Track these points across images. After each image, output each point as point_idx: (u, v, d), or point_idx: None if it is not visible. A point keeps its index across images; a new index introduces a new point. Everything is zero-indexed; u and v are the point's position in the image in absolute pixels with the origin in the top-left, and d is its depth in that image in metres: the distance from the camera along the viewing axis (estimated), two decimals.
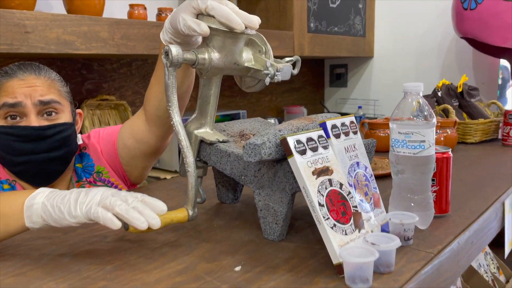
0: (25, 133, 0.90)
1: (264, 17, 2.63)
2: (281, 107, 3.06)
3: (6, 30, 1.52)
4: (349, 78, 3.23)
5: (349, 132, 0.71)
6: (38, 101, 0.91)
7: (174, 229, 0.77)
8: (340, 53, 2.80)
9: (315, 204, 0.59)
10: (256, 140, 0.62)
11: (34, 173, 0.94)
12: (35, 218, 0.66)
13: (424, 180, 0.72)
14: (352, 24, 2.90)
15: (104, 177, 1.05)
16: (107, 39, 1.79)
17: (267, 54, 0.76)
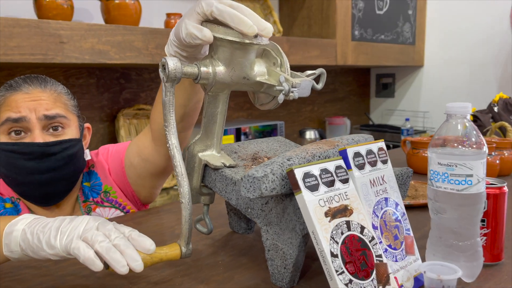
0: (29, 150, 0.84)
1: (306, 25, 2.52)
2: (322, 118, 2.92)
3: (41, 40, 1.51)
4: (396, 88, 3.04)
5: (377, 162, 0.59)
6: (43, 115, 0.86)
7: (173, 264, 0.68)
8: (386, 62, 2.64)
9: (326, 254, 0.48)
10: (256, 171, 0.52)
11: (38, 195, 0.88)
12: (13, 246, 0.59)
13: (471, 223, 0.58)
14: (401, 32, 2.73)
15: (111, 197, 0.99)
16: (141, 49, 1.76)
17: (282, 67, 0.65)
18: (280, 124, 2.37)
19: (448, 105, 0.58)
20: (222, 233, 0.81)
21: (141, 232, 0.82)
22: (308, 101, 2.85)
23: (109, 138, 2.06)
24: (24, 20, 1.45)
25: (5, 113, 0.85)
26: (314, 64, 2.28)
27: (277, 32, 2.33)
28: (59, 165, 0.87)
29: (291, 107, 2.76)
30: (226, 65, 0.62)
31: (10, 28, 1.42)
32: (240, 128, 2.32)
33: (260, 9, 2.44)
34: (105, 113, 2.05)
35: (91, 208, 0.97)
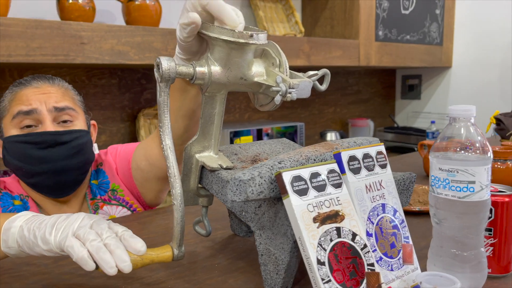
0: (42, 139, 0.87)
1: (329, 25, 2.49)
2: (345, 120, 2.88)
3: (63, 41, 1.55)
4: (423, 89, 2.96)
5: (375, 166, 0.57)
6: (53, 107, 0.89)
7: (169, 266, 0.67)
8: (412, 63, 2.58)
9: (312, 261, 0.46)
10: (243, 174, 0.51)
11: (51, 184, 0.90)
12: (11, 242, 0.59)
13: (474, 232, 0.55)
14: (427, 32, 2.66)
15: (119, 196, 1.00)
16: (160, 49, 1.78)
17: (281, 68, 0.64)
18: (300, 126, 2.35)
19: (450, 108, 0.55)
20: (223, 235, 0.80)
21: (145, 232, 0.83)
22: (331, 102, 2.81)
23: (129, 138, 2.09)
24: (46, 21, 1.49)
25: (17, 107, 0.88)
26: (336, 65, 2.25)
27: (299, 33, 2.31)
28: (70, 153, 0.89)
29: (313, 108, 2.73)
30: (222, 65, 0.61)
31: (33, 30, 1.46)
32: (262, 129, 2.31)
33: (282, 9, 2.42)
34: (126, 113, 2.08)
35: (99, 205, 0.99)
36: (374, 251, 0.52)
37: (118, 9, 1.90)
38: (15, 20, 1.41)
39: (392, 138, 2.75)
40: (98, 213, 0.98)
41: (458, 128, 0.55)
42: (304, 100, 2.68)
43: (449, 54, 2.76)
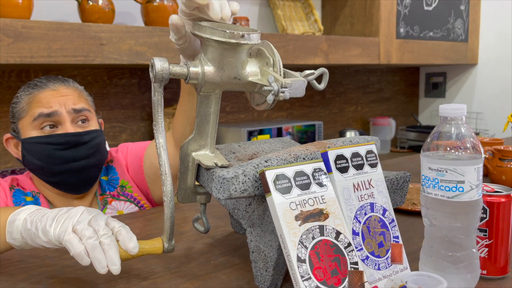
0: (65, 140, 0.92)
1: (349, 23, 2.47)
2: (366, 118, 2.84)
3: (83, 42, 1.59)
4: (447, 87, 2.90)
5: (363, 165, 0.57)
6: (72, 109, 0.94)
7: (166, 262, 0.69)
8: (435, 60, 2.52)
9: (292, 258, 0.47)
10: (227, 172, 0.52)
11: (73, 182, 0.95)
12: (15, 234, 0.63)
13: (464, 232, 0.54)
14: (452, 28, 2.59)
15: (127, 192, 1.03)
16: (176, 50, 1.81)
17: (275, 67, 0.64)
18: (319, 124, 2.34)
19: (441, 107, 0.55)
20: (223, 233, 0.81)
21: (149, 229, 0.85)
22: (352, 101, 2.78)
23: (149, 136, 2.14)
24: (67, 23, 1.54)
25: (37, 109, 0.92)
26: (355, 63, 2.23)
27: (318, 31, 2.30)
28: (90, 153, 0.95)
29: (333, 106, 2.71)
30: (215, 65, 0.62)
31: (54, 32, 1.51)
32: (282, 128, 2.31)
33: (301, 8, 2.42)
34: (146, 112, 2.13)
35: (107, 201, 1.02)
36: (360, 250, 0.53)
37: (138, 10, 1.94)
38: (38, 23, 1.47)
39: (415, 137, 2.70)
40: (107, 208, 1.02)
41: (449, 127, 0.54)
42: (324, 98, 2.66)
43: (474, 51, 2.69)
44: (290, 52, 1.99)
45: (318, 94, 2.64)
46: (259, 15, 2.37)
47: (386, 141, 2.66)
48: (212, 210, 0.94)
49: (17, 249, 0.74)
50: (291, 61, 1.99)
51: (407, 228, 0.81)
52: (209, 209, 0.94)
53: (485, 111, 2.70)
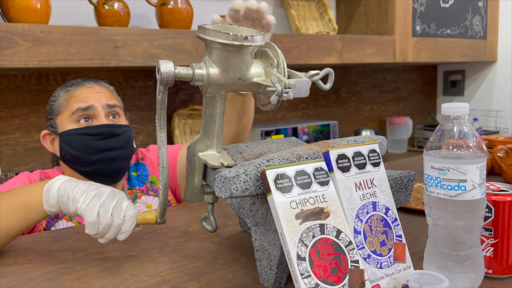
0: (101, 131, 1.01)
1: (364, 22, 2.45)
2: (383, 118, 2.82)
3: (99, 46, 1.63)
4: (466, 85, 2.85)
5: (366, 164, 0.57)
6: (106, 104, 1.04)
7: (174, 260, 0.71)
8: (452, 58, 2.48)
9: (292, 256, 0.47)
10: (229, 172, 0.53)
11: (107, 171, 1.03)
12: (52, 201, 0.71)
13: (468, 231, 0.54)
14: (470, 25, 2.55)
15: (156, 187, 1.12)
16: (191, 51, 1.83)
17: (279, 68, 0.65)
18: (334, 124, 2.33)
19: (443, 106, 0.55)
20: (232, 232, 0.82)
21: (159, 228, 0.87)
22: (368, 100, 2.76)
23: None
24: (83, 27, 1.57)
25: (75, 104, 1.02)
26: (370, 62, 2.21)
27: (332, 30, 2.29)
28: (122, 144, 1.04)
29: (348, 106, 2.69)
30: (220, 67, 0.64)
31: (71, 36, 1.55)
32: (297, 127, 2.31)
33: (315, 7, 2.41)
34: None
35: (137, 195, 1.10)
36: (361, 249, 0.53)
37: (153, 13, 1.97)
38: (55, 28, 1.51)
39: None
40: (137, 202, 1.10)
41: (451, 126, 0.54)
42: (339, 98, 2.65)
43: (493, 48, 2.64)
44: (304, 52, 1.99)
45: (333, 93, 2.63)
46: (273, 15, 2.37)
47: (403, 141, 2.63)
48: (221, 209, 0.96)
49: (33, 246, 0.77)
50: (305, 61, 1.99)
51: (416, 228, 0.80)
52: (218, 208, 0.96)
53: (505, 109, 2.64)
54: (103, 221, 0.67)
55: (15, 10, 1.46)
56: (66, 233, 0.85)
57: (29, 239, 0.82)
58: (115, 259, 0.72)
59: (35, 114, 1.79)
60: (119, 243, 0.79)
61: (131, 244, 0.78)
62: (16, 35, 1.40)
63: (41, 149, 1.81)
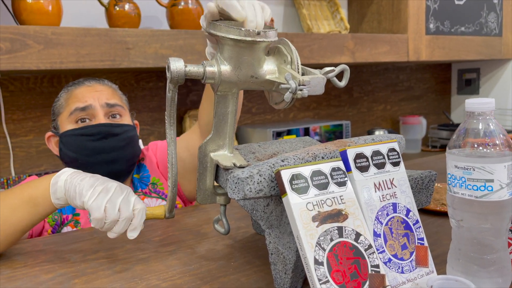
0: (97, 130, 0.96)
1: (376, 20, 2.42)
2: (396, 117, 2.78)
3: (110, 47, 1.62)
4: (481, 84, 2.79)
5: (385, 164, 0.54)
6: (105, 103, 0.99)
7: (187, 263, 0.69)
8: (467, 56, 2.44)
9: (309, 261, 0.45)
10: (242, 172, 0.50)
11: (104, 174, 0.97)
12: (59, 194, 0.70)
13: (494, 234, 0.51)
14: (485, 23, 2.50)
15: (158, 189, 1.07)
16: (202, 52, 1.81)
17: (293, 64, 0.63)
18: (346, 124, 2.30)
19: (467, 101, 0.52)
20: (245, 234, 0.80)
21: (170, 230, 0.85)
22: (380, 100, 2.73)
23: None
24: (94, 29, 1.57)
25: (73, 104, 0.98)
26: (383, 61, 2.18)
27: (344, 29, 2.26)
28: (121, 145, 0.98)
29: (361, 106, 2.66)
30: (232, 64, 0.62)
31: (82, 37, 1.55)
32: (309, 128, 2.29)
33: (327, 6, 2.39)
34: None
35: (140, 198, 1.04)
36: (381, 253, 0.50)
37: (163, 14, 1.96)
38: (66, 29, 1.50)
39: (447, 136, 2.62)
40: None
41: (476, 123, 0.52)
42: (352, 97, 2.62)
43: (509, 45, 2.58)
44: (315, 52, 1.96)
45: (346, 93, 2.60)
46: (284, 15, 2.35)
47: (416, 140, 2.59)
48: (234, 211, 0.94)
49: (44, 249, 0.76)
50: (317, 60, 1.97)
51: (436, 230, 0.78)
52: (231, 210, 0.94)
53: None
54: (109, 216, 0.66)
55: (27, 13, 1.46)
56: (77, 236, 0.84)
57: (40, 242, 0.81)
58: (126, 262, 0.70)
59: (47, 117, 1.80)
60: (129, 245, 0.77)
61: (141, 247, 0.77)
62: (28, 37, 1.40)
63: None
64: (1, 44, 1.35)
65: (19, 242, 0.81)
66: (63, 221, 0.98)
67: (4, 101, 1.69)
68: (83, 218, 1.00)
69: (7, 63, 1.37)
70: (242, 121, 2.29)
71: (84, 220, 1.00)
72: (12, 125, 1.72)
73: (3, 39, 1.35)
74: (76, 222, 0.99)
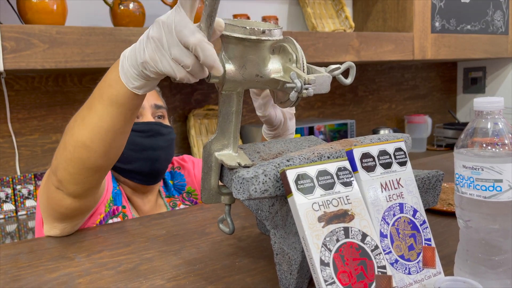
0: (148, 128, 0.99)
1: (381, 19, 2.41)
2: (401, 116, 2.77)
3: (114, 46, 1.62)
4: (487, 82, 2.78)
5: (392, 164, 0.54)
6: (154, 104, 1.04)
7: (191, 263, 0.68)
8: (473, 54, 2.42)
9: (315, 262, 0.45)
10: (247, 172, 0.50)
11: (147, 170, 1.00)
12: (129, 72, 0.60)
13: (503, 235, 0.50)
14: (491, 21, 2.48)
15: (192, 197, 1.11)
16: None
17: (298, 63, 0.62)
18: (351, 123, 2.29)
19: (476, 100, 0.51)
20: (250, 234, 0.80)
21: (175, 230, 0.85)
22: (385, 99, 2.71)
23: (181, 138, 2.15)
24: (99, 28, 1.57)
25: None
26: (388, 59, 2.17)
27: (349, 28, 2.25)
28: (166, 145, 1.02)
29: (366, 105, 2.65)
30: (236, 63, 0.61)
31: (87, 36, 1.55)
32: (314, 127, 2.28)
33: (331, 5, 2.38)
34: (178, 114, 2.14)
35: (176, 203, 1.10)
36: (388, 253, 0.50)
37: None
38: (71, 28, 1.50)
39: (453, 135, 2.60)
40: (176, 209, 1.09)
41: (485, 122, 0.51)
42: (356, 96, 2.61)
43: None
44: (320, 50, 1.95)
45: (350, 92, 2.59)
46: (289, 14, 2.34)
47: (422, 139, 2.58)
48: (238, 210, 0.93)
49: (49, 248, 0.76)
50: (321, 59, 1.96)
51: (442, 230, 0.77)
52: (235, 209, 0.93)
53: None
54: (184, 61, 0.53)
55: (32, 12, 1.46)
56: (82, 235, 0.84)
57: (45, 241, 0.81)
58: (130, 262, 0.70)
59: (52, 116, 1.80)
60: (134, 245, 0.77)
61: (146, 246, 0.76)
62: (33, 37, 1.40)
63: None
64: (6, 43, 1.35)
65: (23, 241, 0.81)
66: (114, 212, 0.99)
67: (9, 100, 1.69)
68: (128, 211, 1.02)
69: (12, 62, 1.37)
70: (247, 119, 2.28)
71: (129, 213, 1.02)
72: (18, 124, 1.72)
73: (8, 39, 1.35)
74: (124, 215, 1.00)
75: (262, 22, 0.64)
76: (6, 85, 1.68)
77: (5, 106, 1.68)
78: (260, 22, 0.65)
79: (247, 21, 0.64)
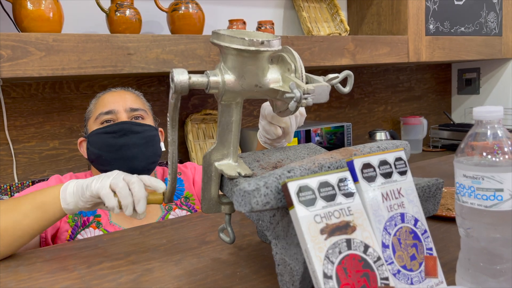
0: (119, 128, 1.03)
1: (376, 22, 2.42)
2: (397, 118, 2.78)
3: (111, 53, 1.62)
4: (481, 83, 2.79)
5: (392, 173, 0.54)
6: (129, 108, 1.07)
7: (192, 273, 0.68)
8: (467, 56, 2.43)
9: (318, 275, 0.45)
10: (248, 184, 0.50)
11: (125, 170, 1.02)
12: (69, 198, 0.75)
13: (505, 244, 0.51)
14: (484, 22, 2.50)
15: (190, 203, 1.13)
16: (203, 56, 1.81)
17: (297, 73, 0.63)
18: (347, 126, 2.30)
19: (475, 110, 0.51)
20: (250, 242, 0.80)
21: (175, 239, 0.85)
22: (381, 101, 2.72)
23: (178, 142, 2.15)
24: (95, 35, 1.56)
25: (100, 109, 1.07)
26: (383, 62, 2.18)
27: (344, 32, 2.26)
28: (141, 142, 1.04)
29: (362, 107, 2.65)
30: (236, 74, 0.61)
31: (84, 44, 1.54)
32: (310, 130, 2.28)
33: (326, 9, 2.38)
34: None
35: (172, 207, 1.11)
36: (390, 264, 0.50)
37: (164, 19, 1.96)
38: (68, 36, 1.50)
39: (448, 136, 2.62)
40: (170, 213, 1.10)
41: (484, 131, 0.51)
42: (352, 99, 2.61)
43: (509, 45, 2.58)
44: (316, 54, 1.96)
45: (346, 94, 2.60)
46: (284, 18, 2.35)
47: (418, 141, 2.59)
48: (238, 218, 0.93)
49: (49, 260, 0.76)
50: (317, 63, 1.97)
51: (442, 236, 0.77)
52: (236, 217, 0.93)
53: None
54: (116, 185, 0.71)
55: (28, 20, 1.46)
56: (83, 246, 0.83)
57: (44, 253, 0.81)
58: (131, 273, 0.70)
59: (50, 123, 1.79)
60: (134, 255, 0.77)
61: (146, 256, 0.76)
62: (30, 44, 1.39)
63: (56, 157, 1.81)
64: (3, 51, 1.34)
65: (23, 253, 0.81)
66: (84, 223, 1.01)
67: (6, 108, 1.68)
68: (104, 219, 1.04)
69: (9, 71, 1.37)
70: (244, 124, 2.29)
71: (105, 221, 1.02)
72: (15, 132, 1.71)
73: (5, 47, 1.35)
74: (98, 223, 1.02)
75: (260, 33, 0.64)
76: (3, 92, 1.68)
77: (2, 114, 1.67)
78: (258, 32, 0.65)
79: (245, 32, 0.64)
